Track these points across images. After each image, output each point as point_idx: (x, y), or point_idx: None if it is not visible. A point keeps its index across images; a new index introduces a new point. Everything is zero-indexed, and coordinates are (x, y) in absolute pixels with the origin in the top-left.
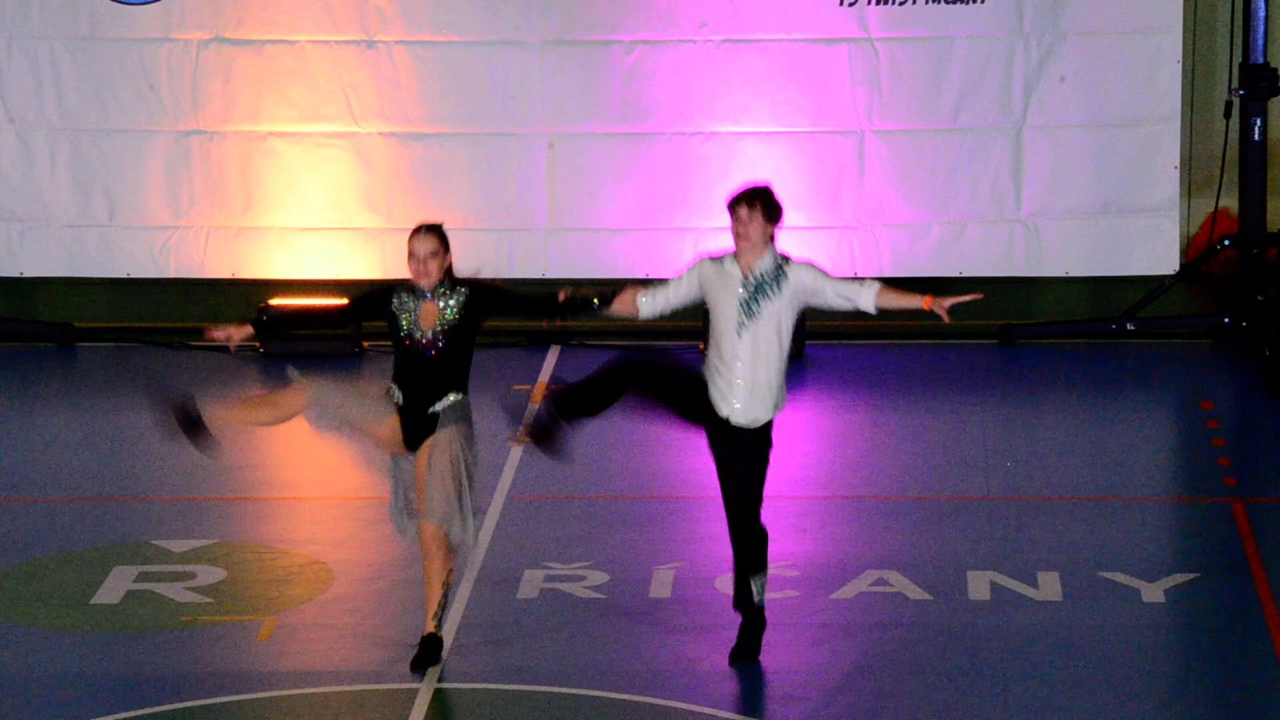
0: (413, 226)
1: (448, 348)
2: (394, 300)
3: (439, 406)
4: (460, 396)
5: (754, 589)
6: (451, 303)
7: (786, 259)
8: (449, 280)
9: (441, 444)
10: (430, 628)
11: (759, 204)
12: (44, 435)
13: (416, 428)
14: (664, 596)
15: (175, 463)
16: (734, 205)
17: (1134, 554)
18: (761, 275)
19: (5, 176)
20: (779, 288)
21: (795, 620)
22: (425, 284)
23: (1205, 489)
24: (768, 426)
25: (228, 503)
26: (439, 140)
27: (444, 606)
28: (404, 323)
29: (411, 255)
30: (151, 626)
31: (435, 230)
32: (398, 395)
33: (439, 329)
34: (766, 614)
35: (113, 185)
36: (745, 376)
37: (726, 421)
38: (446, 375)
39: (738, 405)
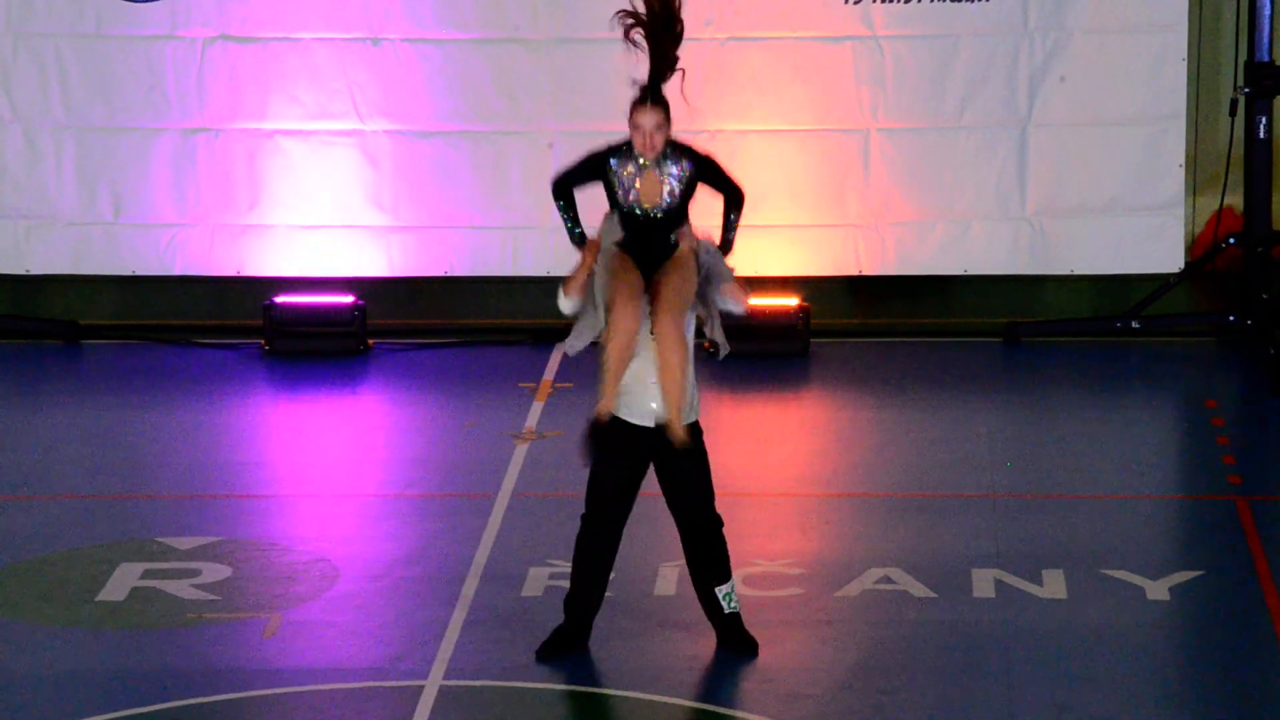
0: (410, 223)
1: (669, 214)
2: (610, 165)
3: (673, 245)
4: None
5: (722, 601)
6: (675, 173)
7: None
8: (670, 149)
9: (674, 262)
10: (677, 429)
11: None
12: (49, 433)
13: (651, 262)
14: (668, 594)
15: (180, 460)
16: None
17: (1138, 552)
18: None
19: (11, 174)
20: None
21: (799, 618)
22: (650, 156)
23: (1209, 487)
24: (695, 422)
25: (233, 500)
26: (444, 138)
27: (693, 395)
28: (625, 188)
29: (637, 127)
30: (157, 623)
31: (661, 102)
32: (614, 407)
33: (665, 200)
34: (771, 611)
35: (118, 182)
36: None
37: (654, 430)
38: (669, 229)
39: (654, 405)
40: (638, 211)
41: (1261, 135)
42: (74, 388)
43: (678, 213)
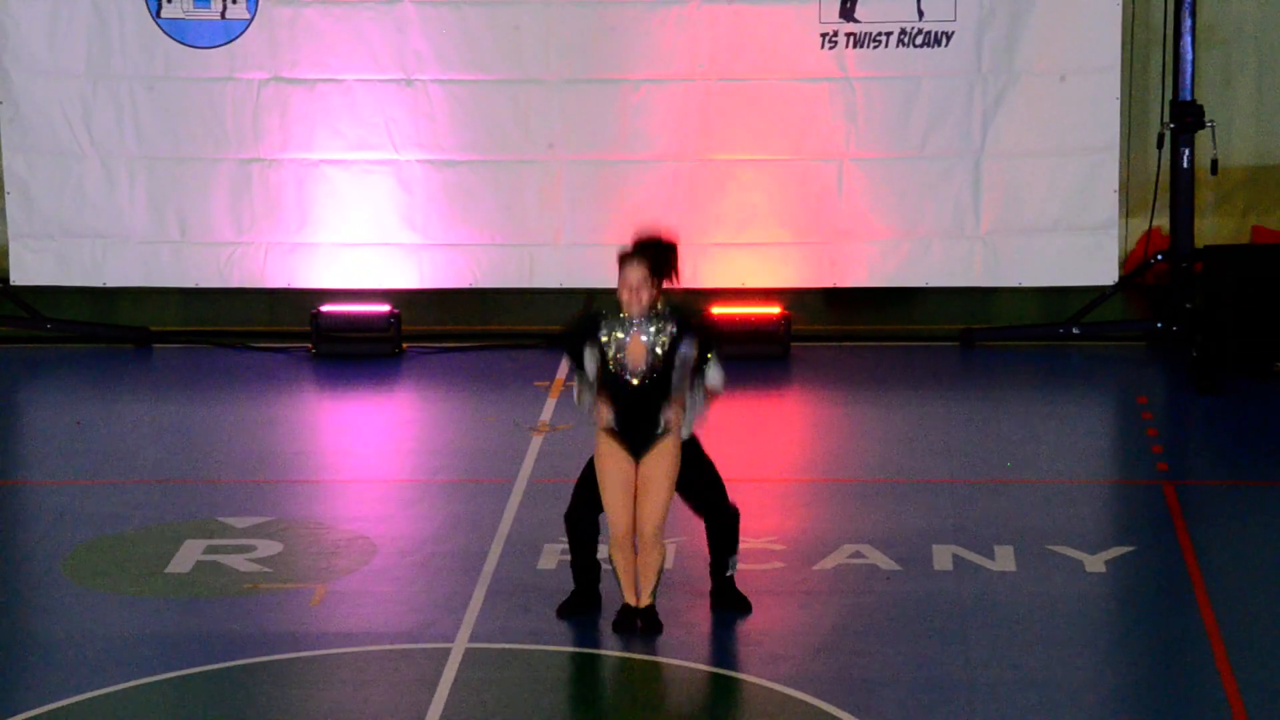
0: (438, 241)
1: (657, 379)
2: (602, 328)
3: (660, 430)
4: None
5: (728, 563)
6: (660, 338)
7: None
8: (657, 309)
9: (662, 453)
10: (646, 600)
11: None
12: (124, 426)
13: (639, 443)
14: (667, 568)
15: (238, 449)
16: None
17: (1078, 530)
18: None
19: (90, 199)
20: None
21: (780, 589)
22: (635, 311)
23: (1140, 473)
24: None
25: (284, 485)
26: (469, 166)
27: (658, 583)
28: (611, 354)
29: (623, 284)
30: (218, 593)
31: (647, 258)
32: (612, 422)
33: (647, 363)
34: (756, 582)
35: (184, 206)
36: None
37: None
38: (657, 400)
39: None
40: (626, 377)
41: (1185, 165)
42: (145, 386)
43: (661, 383)
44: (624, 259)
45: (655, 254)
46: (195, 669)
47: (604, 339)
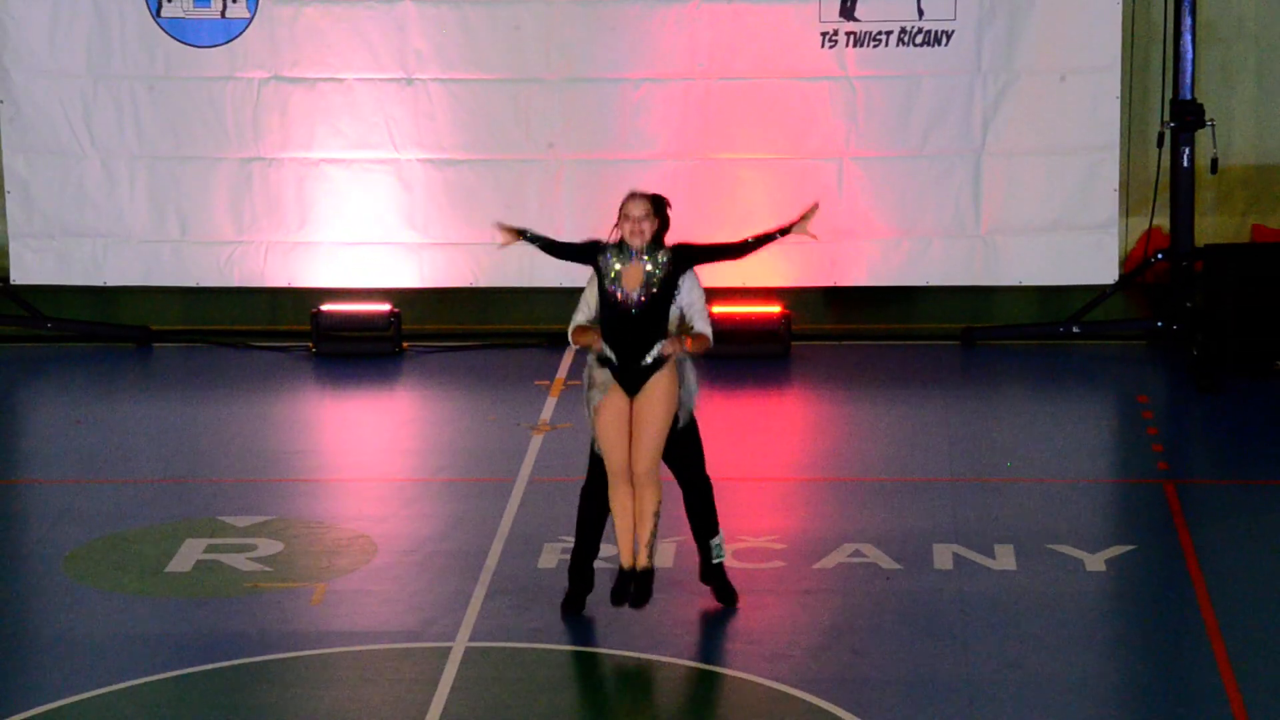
0: (439, 240)
1: (651, 305)
2: (600, 257)
3: (649, 359)
4: (662, 344)
5: (714, 550)
6: (657, 263)
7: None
8: (656, 243)
9: (655, 392)
10: (644, 561)
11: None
12: (124, 424)
13: (632, 378)
14: (667, 566)
15: (238, 448)
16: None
17: (1078, 528)
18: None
19: (91, 198)
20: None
21: (781, 587)
22: (637, 243)
23: (1140, 472)
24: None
25: (285, 483)
26: (469, 166)
27: (654, 537)
28: (610, 277)
29: (626, 216)
30: (218, 592)
31: (648, 196)
32: (610, 353)
33: (643, 289)
34: (756, 581)
35: (184, 205)
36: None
37: None
38: (651, 329)
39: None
40: (621, 301)
41: (1185, 164)
42: (145, 385)
43: (655, 312)
44: (627, 197)
45: (655, 200)
46: (196, 668)
47: (603, 266)
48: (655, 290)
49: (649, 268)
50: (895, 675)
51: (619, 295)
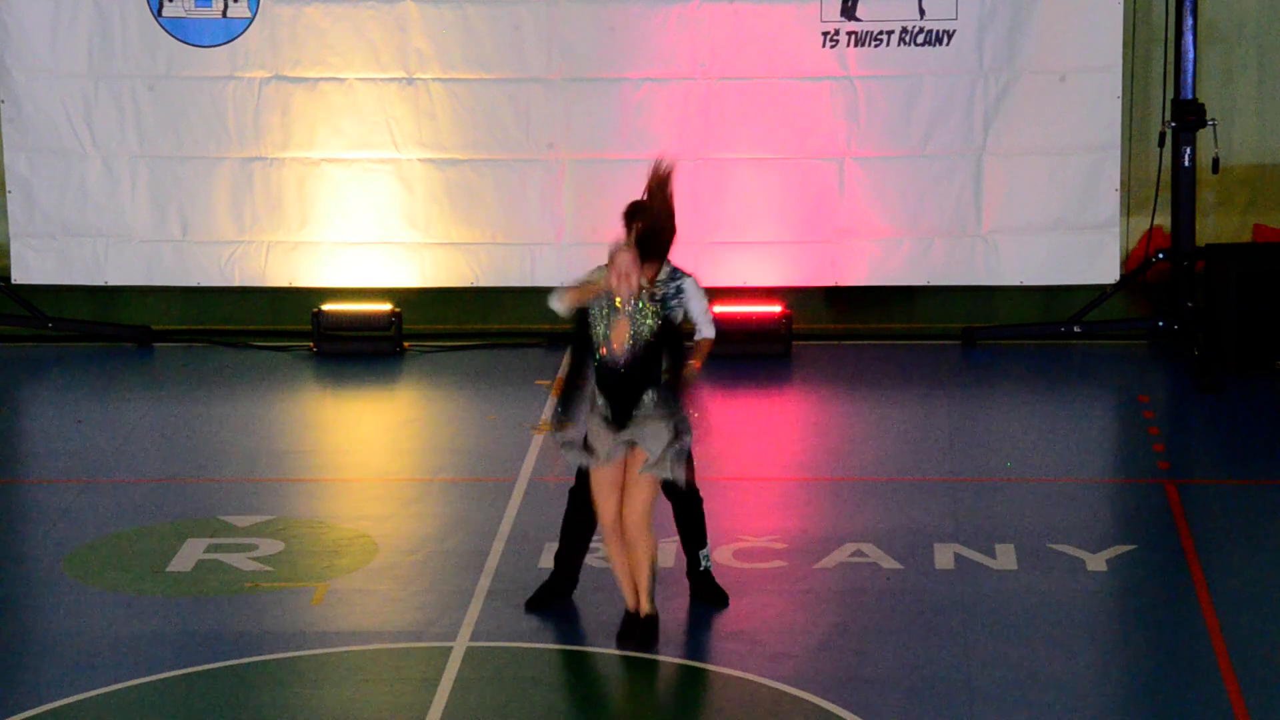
0: (440, 240)
1: (638, 362)
2: (593, 308)
3: (638, 412)
4: (654, 393)
5: (701, 559)
6: (646, 320)
7: None
8: (646, 294)
9: (647, 436)
10: (645, 608)
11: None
12: (125, 424)
13: (623, 421)
14: (667, 566)
15: (239, 448)
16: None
17: (1079, 528)
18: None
19: (92, 197)
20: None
21: (783, 587)
22: (624, 294)
23: (1142, 471)
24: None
25: (286, 483)
26: (470, 165)
27: (654, 582)
28: (598, 332)
29: (612, 269)
30: (219, 591)
31: (637, 245)
32: (604, 408)
33: (630, 347)
34: (757, 581)
35: (185, 205)
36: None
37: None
38: (641, 381)
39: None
40: (605, 353)
41: (1186, 164)
42: (146, 385)
43: (643, 365)
44: (616, 248)
45: (645, 236)
46: (197, 668)
47: (592, 317)
48: (641, 348)
49: (636, 319)
50: (896, 675)
51: (605, 352)
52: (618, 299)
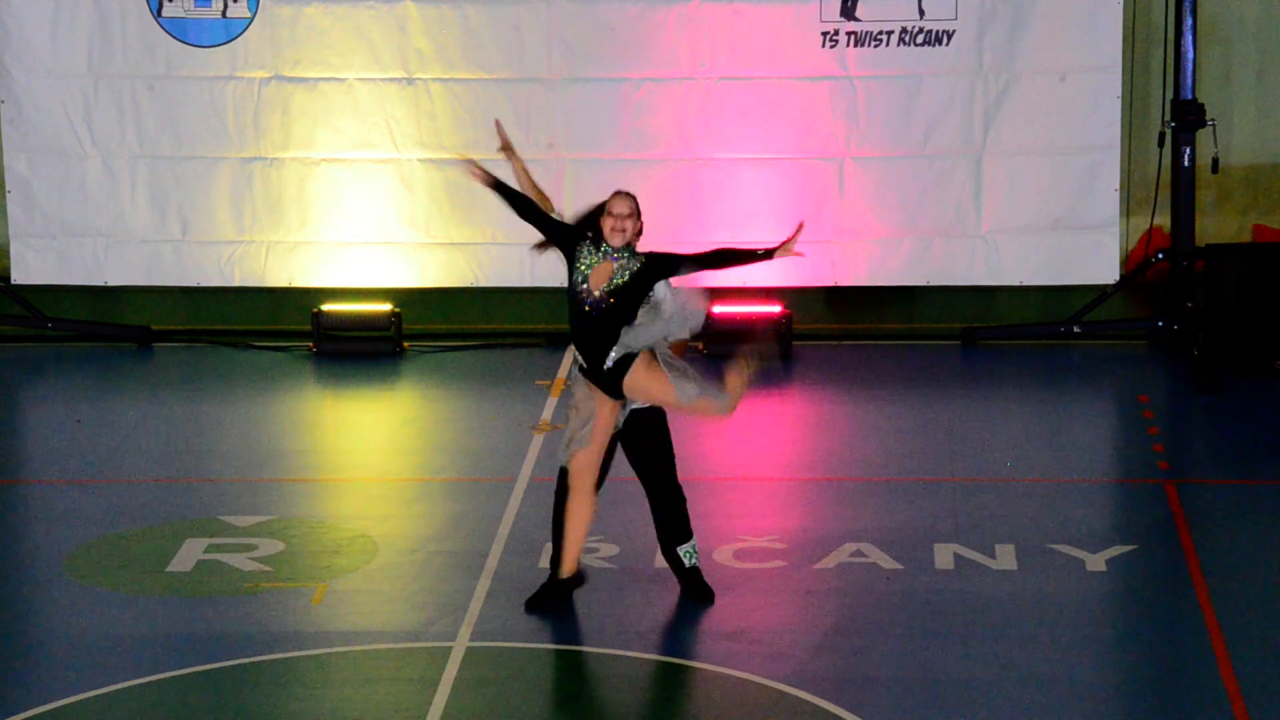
0: (440, 240)
1: (609, 311)
2: (578, 247)
3: (608, 364)
4: (621, 351)
5: (683, 558)
6: (627, 267)
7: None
8: (632, 247)
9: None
10: (573, 569)
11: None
12: (125, 424)
13: (603, 382)
14: (666, 566)
15: (239, 448)
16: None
17: (1079, 528)
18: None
19: (92, 197)
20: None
21: (782, 587)
22: (616, 241)
23: (1141, 471)
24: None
25: (286, 483)
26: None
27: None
28: (579, 271)
29: (609, 213)
30: (219, 591)
31: (633, 196)
32: (580, 359)
33: (607, 290)
34: (757, 581)
35: (185, 205)
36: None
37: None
38: (608, 334)
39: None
40: (583, 294)
41: (1186, 163)
42: (146, 385)
43: (612, 317)
44: (613, 195)
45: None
46: (196, 668)
47: (577, 258)
48: (615, 297)
49: (617, 270)
50: (896, 675)
51: (583, 293)
52: (606, 244)
